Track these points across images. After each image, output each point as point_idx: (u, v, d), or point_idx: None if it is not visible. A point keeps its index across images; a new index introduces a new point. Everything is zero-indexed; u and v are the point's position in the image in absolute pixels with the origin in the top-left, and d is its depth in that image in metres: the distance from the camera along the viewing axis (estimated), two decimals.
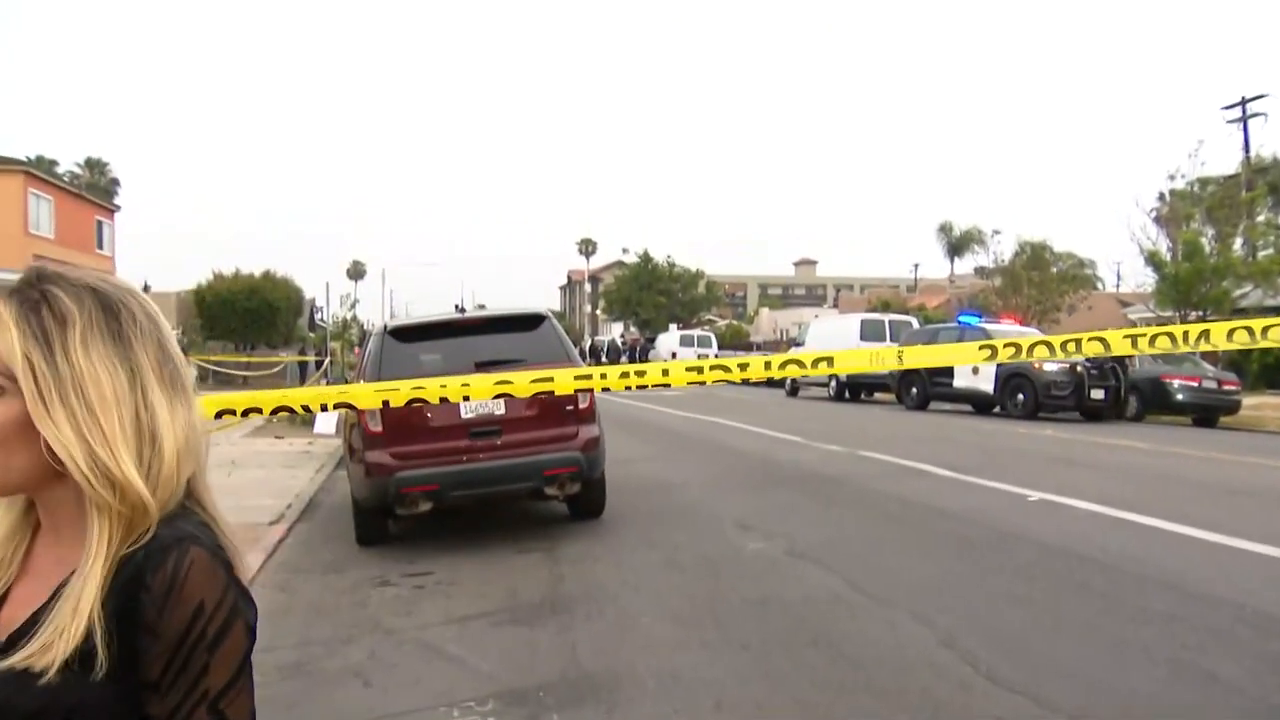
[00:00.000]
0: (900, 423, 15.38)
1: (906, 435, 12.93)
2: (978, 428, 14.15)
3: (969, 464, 9.23)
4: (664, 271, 64.99)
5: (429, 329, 6.66)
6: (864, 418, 16.77)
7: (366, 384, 5.13)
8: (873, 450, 10.51)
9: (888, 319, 23.00)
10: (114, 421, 0.92)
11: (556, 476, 6.23)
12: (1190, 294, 22.48)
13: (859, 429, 14.04)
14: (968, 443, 11.96)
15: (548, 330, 6.66)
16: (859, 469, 9.36)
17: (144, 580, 0.89)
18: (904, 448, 10.81)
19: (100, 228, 35.09)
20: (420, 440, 6.04)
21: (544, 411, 6.23)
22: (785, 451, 10.98)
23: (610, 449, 7.01)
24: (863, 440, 11.65)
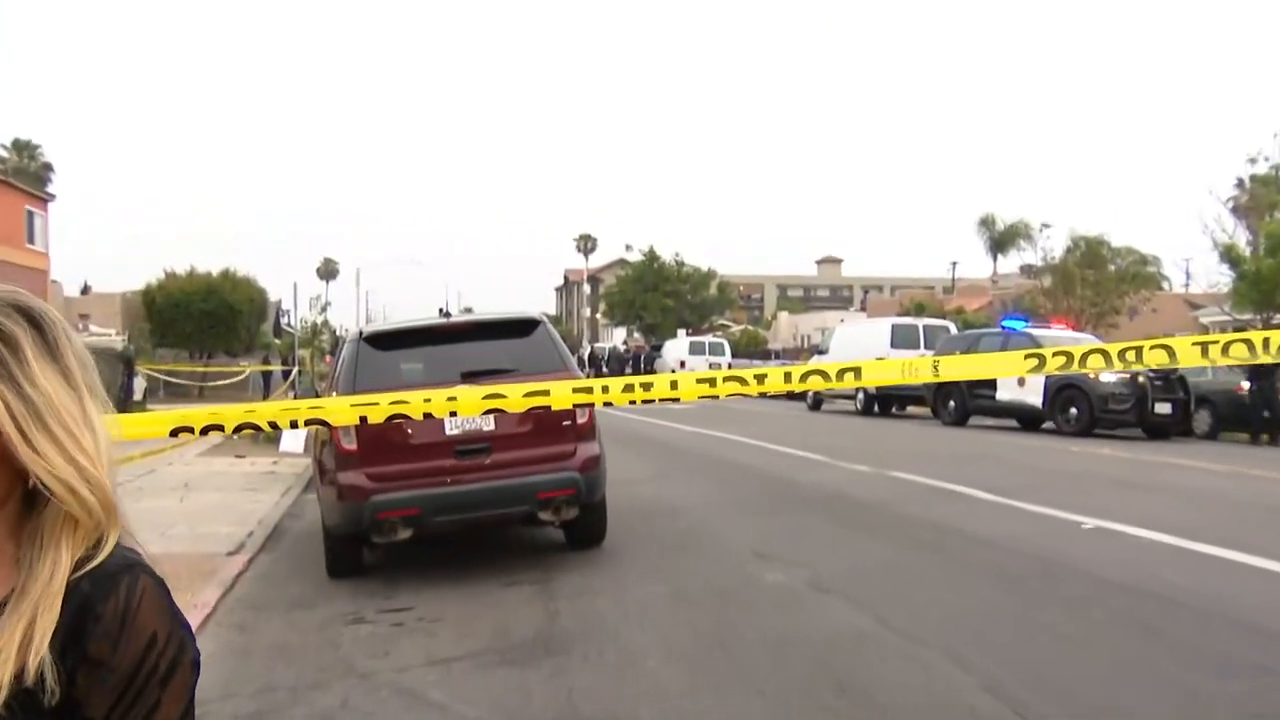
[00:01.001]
0: (936, 440, 15.37)
1: (943, 454, 12.92)
2: (1024, 446, 14.13)
3: (1014, 486, 9.22)
4: (671, 271, 65.15)
5: (409, 335, 6.68)
6: (895, 434, 16.76)
7: (341, 397, 5.15)
8: (905, 470, 10.51)
9: (922, 324, 23.01)
10: (89, 439, 0.94)
11: (552, 500, 6.24)
12: (1274, 294, 21.50)
13: (890, 446, 14.02)
14: (1013, 462, 11.95)
15: (542, 337, 6.68)
16: (890, 491, 9.36)
17: (93, 609, 0.91)
18: (941, 468, 10.80)
19: (31, 219, 33.87)
20: (399, 459, 6.06)
21: (538, 427, 6.24)
22: (807, 471, 10.98)
23: (612, 469, 7.02)
24: (894, 459, 11.64)
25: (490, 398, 3.19)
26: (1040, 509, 8.03)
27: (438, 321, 6.74)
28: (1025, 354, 3.24)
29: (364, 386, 5.91)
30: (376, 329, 6.96)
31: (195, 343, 31.04)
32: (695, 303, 65.86)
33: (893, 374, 3.36)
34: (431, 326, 6.69)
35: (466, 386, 5.87)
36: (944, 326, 23.07)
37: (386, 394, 3.39)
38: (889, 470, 10.64)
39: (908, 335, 21.90)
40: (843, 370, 3.29)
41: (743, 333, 63.33)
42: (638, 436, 15.87)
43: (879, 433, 17.01)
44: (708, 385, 3.36)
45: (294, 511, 9.22)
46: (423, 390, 3.31)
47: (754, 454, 13.02)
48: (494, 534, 7.60)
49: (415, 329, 6.74)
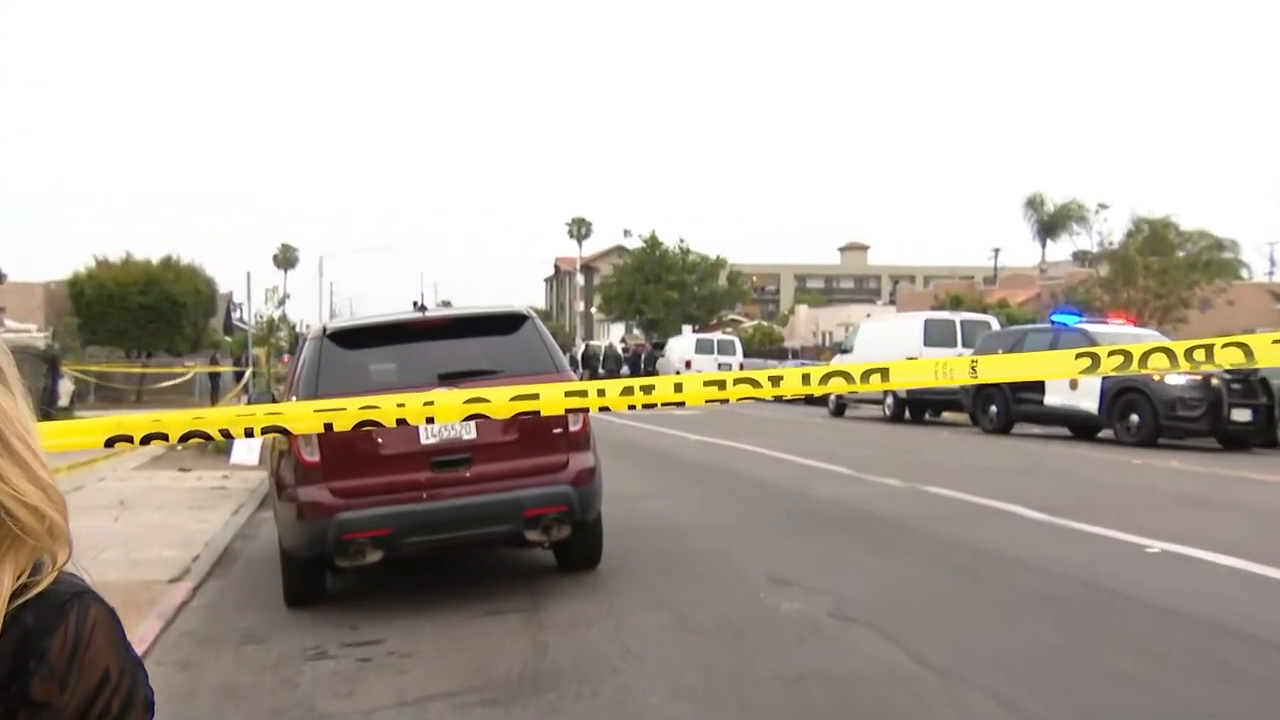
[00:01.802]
0: (976, 450, 15.40)
1: (984, 466, 12.94)
2: (1078, 457, 14.15)
3: (1066, 504, 9.23)
4: (675, 259, 65.22)
5: (380, 332, 6.70)
6: (929, 443, 16.79)
7: (302, 402, 5.16)
8: (941, 485, 10.54)
9: (959, 319, 23.06)
10: (41, 454, 0.94)
11: (541, 518, 6.26)
12: None
13: (923, 458, 14.03)
14: (1065, 476, 11.97)
15: (530, 333, 6.70)
16: (923, 508, 9.38)
17: (38, 645, 0.90)
18: (981, 482, 10.83)
19: None
20: (368, 472, 6.08)
21: (525, 436, 6.27)
22: (829, 486, 11.01)
23: (609, 482, 7.05)
24: (928, 472, 11.67)
25: (472, 402, 3.20)
26: (1097, 530, 8.05)
27: (412, 317, 6.76)
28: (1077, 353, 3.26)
29: (328, 390, 5.93)
30: (342, 325, 6.97)
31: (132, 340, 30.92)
32: (702, 295, 65.94)
33: (925, 376, 3.39)
34: (405, 322, 6.71)
35: (445, 390, 5.87)
36: (984, 322, 23.12)
37: (354, 398, 3.40)
38: (922, 484, 10.67)
39: (943, 332, 21.93)
40: (868, 371, 3.31)
41: (756, 329, 63.45)
42: (638, 446, 15.89)
43: (910, 442, 17.03)
44: (716, 388, 3.37)
45: (247, 532, 9.23)
46: (395, 394, 3.33)
47: (769, 466, 13.04)
48: (475, 556, 7.62)
49: (386, 325, 6.76)
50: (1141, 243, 33.98)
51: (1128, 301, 32.03)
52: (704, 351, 39.02)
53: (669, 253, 65.69)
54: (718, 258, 66.16)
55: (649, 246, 65.80)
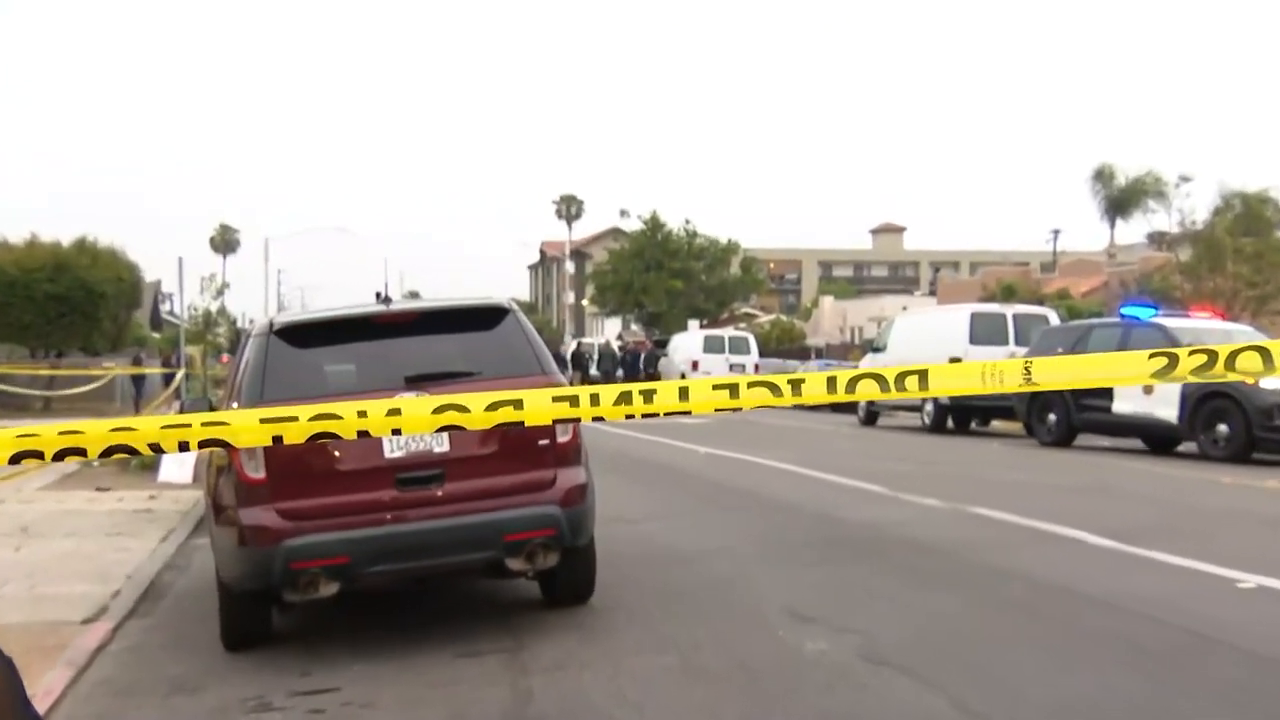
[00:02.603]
0: (1031, 465, 15.40)
1: (1041, 484, 12.95)
2: (1153, 474, 14.15)
3: (1140, 528, 9.23)
4: (680, 243, 65.34)
5: (336, 328, 6.71)
6: (976, 457, 16.79)
7: (246, 410, 5.17)
8: (989, 505, 10.55)
9: (1011, 312, 23.05)
10: None
11: (524, 543, 6.27)
12: None
13: (968, 474, 14.04)
14: (1137, 496, 11.97)
15: (512, 330, 6.71)
16: (969, 533, 9.39)
17: None
18: (1038, 502, 10.83)
19: None
20: (323, 491, 6.09)
21: (507, 449, 6.28)
22: (858, 506, 11.02)
23: (603, 502, 7.05)
24: (974, 491, 11.68)
25: (444, 411, 3.20)
26: (1177, 560, 8.02)
27: (374, 310, 6.77)
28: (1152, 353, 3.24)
29: (275, 395, 5.94)
30: (292, 319, 6.98)
31: (38, 337, 30.66)
32: (711, 285, 66.06)
33: (970, 381, 3.37)
34: (366, 316, 6.71)
35: (413, 395, 5.90)
36: (1041, 316, 23.08)
37: (307, 405, 3.40)
38: (967, 505, 10.68)
39: (992, 328, 21.93)
40: (904, 375, 3.29)
41: (773, 324, 63.51)
42: (637, 460, 15.89)
43: (953, 455, 17.04)
44: (728, 394, 3.37)
45: (177, 563, 9.23)
46: (356, 400, 3.33)
47: (789, 483, 13.05)
48: (448, 589, 7.62)
49: (344, 320, 6.76)
50: (1232, 221, 33.37)
51: (1214, 291, 31.49)
52: (713, 350, 39.08)
53: (673, 236, 65.76)
54: (729, 241, 66.27)
55: (649, 228, 65.87)
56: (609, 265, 68.04)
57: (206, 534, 7.36)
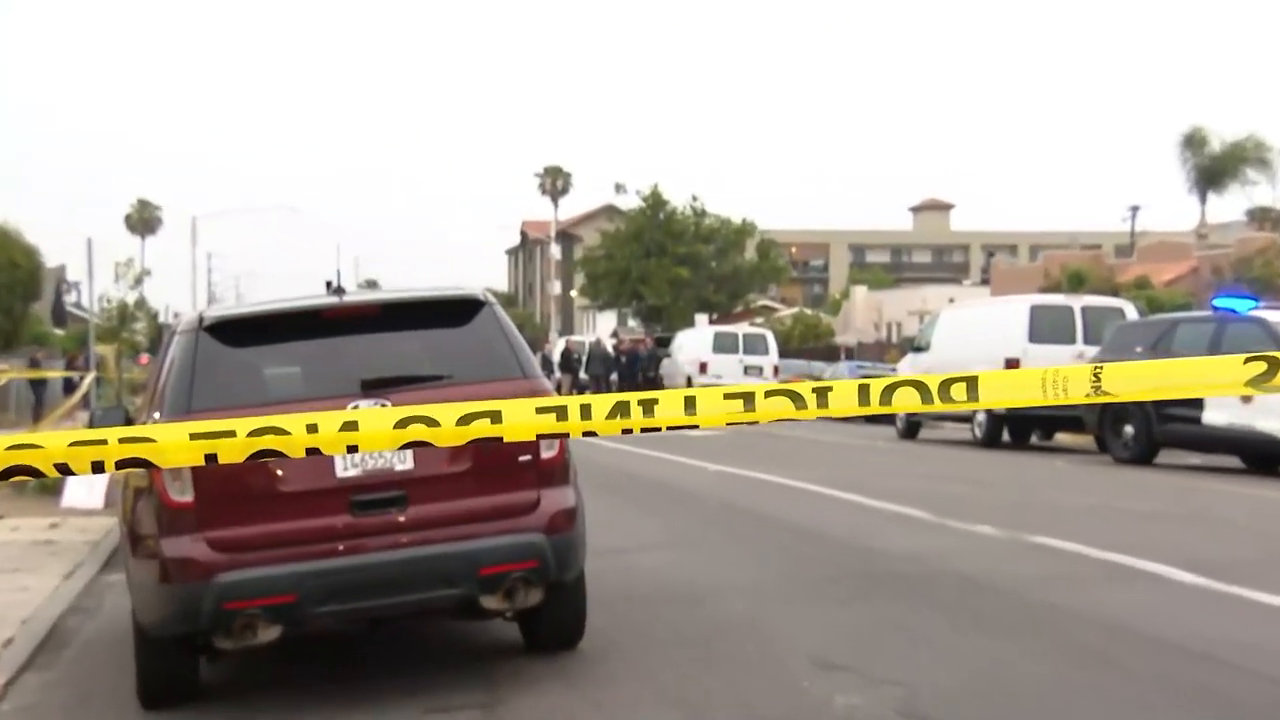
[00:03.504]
0: (1104, 486, 15.41)
1: (1116, 509, 12.94)
2: (1253, 498, 14.13)
3: (1235, 562, 9.23)
4: (685, 223, 65.32)
5: (279, 324, 6.71)
6: (1037, 477, 16.78)
7: (171, 422, 5.17)
8: (1053, 534, 10.55)
9: (1080, 305, 23.02)
10: None
11: (502, 578, 6.27)
12: None
13: (1029, 497, 14.03)
14: (1233, 525, 11.95)
15: (488, 326, 6.71)
16: (1028, 567, 9.39)
17: None
18: (1112, 531, 10.83)
19: None
20: (262, 516, 6.09)
21: (482, 467, 6.28)
22: (896, 535, 11.03)
23: (595, 529, 7.06)
24: (1036, 517, 11.68)
25: (410, 424, 3.20)
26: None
27: (324, 302, 6.77)
28: (1249, 357, 3.22)
29: (206, 404, 5.94)
30: (226, 314, 6.98)
31: None
32: (723, 273, 66.08)
33: (1028, 391, 3.37)
34: (315, 310, 6.72)
35: (371, 405, 5.89)
36: (1116, 309, 23.03)
37: (244, 417, 3.41)
38: (1027, 533, 10.68)
39: (1057, 324, 21.89)
40: (949, 382, 3.29)
41: (796, 319, 63.52)
42: (635, 479, 15.90)
43: (1010, 474, 17.04)
44: (741, 404, 3.37)
45: (84, 604, 9.20)
46: (303, 410, 3.34)
47: (815, 507, 13.05)
48: (411, 632, 7.62)
49: (288, 314, 6.76)
50: None
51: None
52: (725, 350, 39.05)
53: (677, 215, 65.75)
54: (744, 222, 66.26)
55: (650, 206, 65.85)
56: (602, 249, 68.05)
57: (121, 569, 7.35)
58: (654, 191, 65.96)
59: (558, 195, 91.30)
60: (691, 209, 65.96)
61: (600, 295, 68.58)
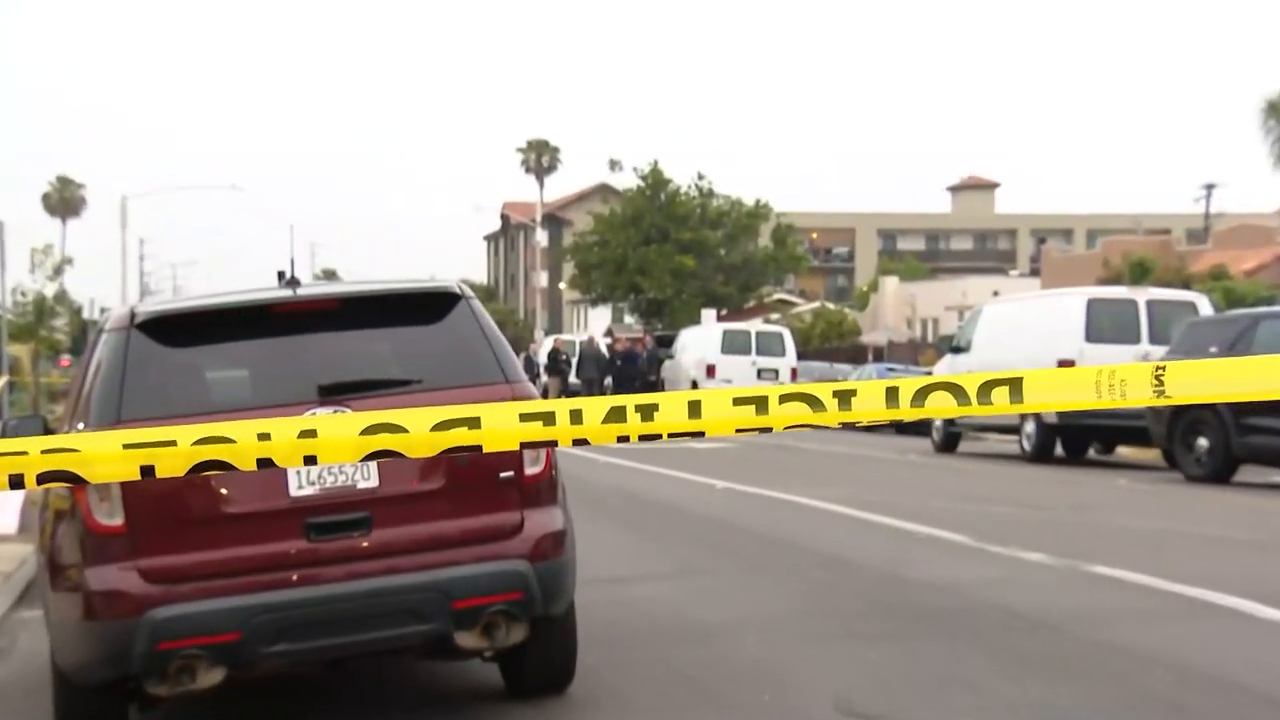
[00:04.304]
0: (1174, 507, 15.41)
1: (1188, 534, 12.94)
2: None
3: None
4: (690, 205, 65.31)
5: (224, 320, 6.72)
6: (1095, 496, 16.78)
7: (99, 431, 5.19)
8: (1113, 563, 10.55)
9: (1144, 298, 23.02)
10: None
11: (480, 611, 6.28)
12: None
13: (1085, 519, 14.02)
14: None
15: (464, 323, 6.72)
16: (1084, 600, 9.40)
17: None
18: (1182, 560, 10.84)
19: None
20: (204, 542, 6.09)
21: (456, 484, 6.30)
22: (933, 562, 11.06)
23: (588, 555, 7.06)
24: (1094, 542, 11.67)
25: (376, 431, 3.23)
26: None
27: (277, 296, 6.78)
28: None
29: (138, 411, 5.93)
30: (162, 309, 6.98)
31: None
32: (733, 262, 66.10)
33: (1081, 393, 3.37)
34: (265, 305, 6.72)
35: (330, 412, 5.90)
36: (1187, 303, 23.04)
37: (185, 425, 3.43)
38: (1084, 562, 10.69)
39: (1118, 321, 21.91)
40: (990, 385, 3.31)
41: (817, 315, 63.57)
42: (632, 498, 15.90)
43: (1064, 493, 17.03)
44: (753, 409, 3.39)
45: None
46: (252, 418, 3.36)
47: (839, 530, 13.07)
48: (375, 674, 7.62)
49: (235, 309, 6.77)
50: None
51: None
52: (735, 351, 39.09)
53: (680, 196, 65.78)
54: (757, 203, 66.27)
55: (650, 186, 65.91)
56: (595, 235, 68.04)
57: (38, 604, 7.34)
58: (654, 169, 66.04)
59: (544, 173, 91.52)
60: (697, 189, 66.00)
61: (593, 288, 68.58)
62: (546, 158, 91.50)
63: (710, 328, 44.84)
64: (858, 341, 57.99)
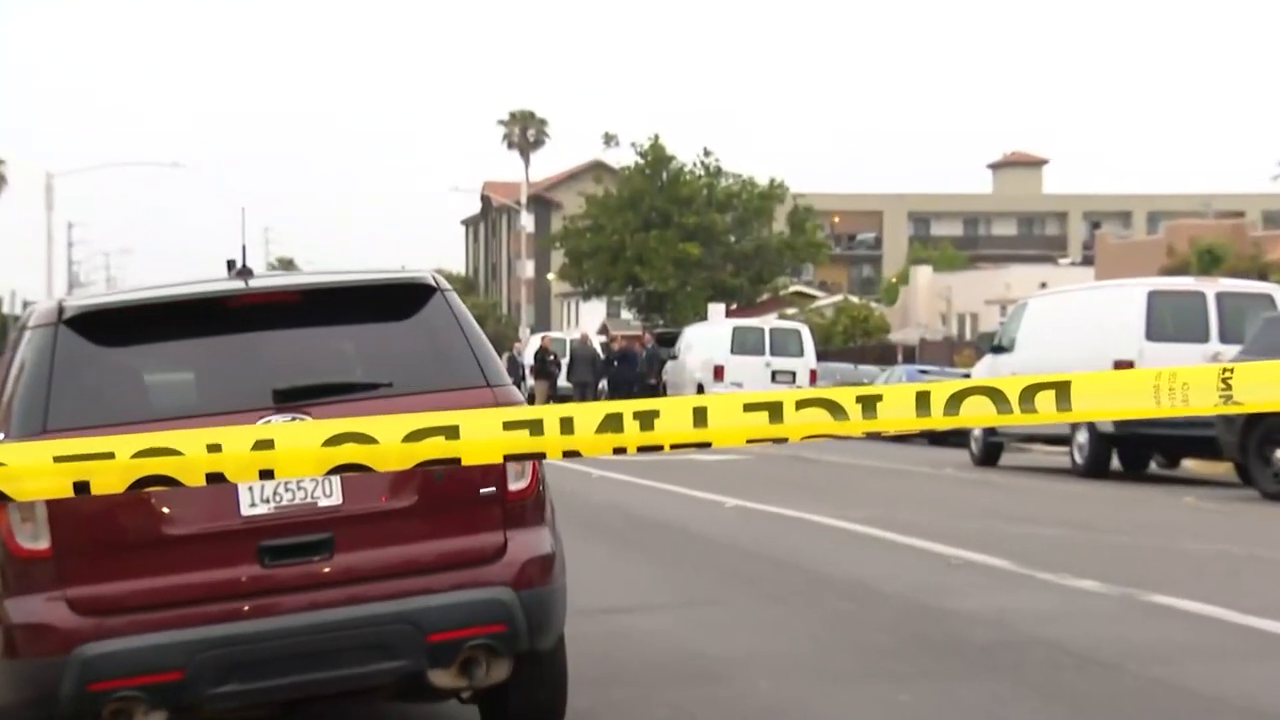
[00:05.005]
0: (1246, 529, 15.40)
1: (1262, 561, 12.93)
2: None
3: None
4: (694, 185, 65.26)
5: (165, 315, 6.71)
6: (1157, 516, 16.75)
7: (22, 442, 5.20)
8: (1178, 593, 10.55)
9: (1214, 291, 22.97)
10: None
11: (457, 646, 6.28)
12: None
13: (1146, 542, 14.01)
14: None
15: (439, 319, 6.72)
16: (1146, 634, 9.42)
17: None
18: (1259, 589, 10.85)
19: None
20: (142, 568, 6.09)
21: (430, 501, 6.30)
22: (972, 592, 11.07)
23: (580, 582, 7.07)
24: (1155, 568, 11.67)
25: (342, 441, 3.24)
26: None
27: (226, 288, 6.79)
28: None
29: (66, 421, 5.92)
30: (94, 303, 6.98)
31: None
32: (745, 250, 66.10)
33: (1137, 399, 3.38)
34: (213, 298, 6.73)
35: (287, 419, 5.91)
36: (1263, 296, 23.00)
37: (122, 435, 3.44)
38: (1144, 591, 10.71)
39: (1183, 316, 21.90)
40: (1034, 389, 3.32)
41: (840, 310, 63.65)
42: (632, 520, 15.89)
43: (1122, 513, 17.02)
44: (766, 417, 3.41)
45: None
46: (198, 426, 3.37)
47: (864, 555, 13.09)
48: (340, 716, 7.63)
49: (178, 303, 6.77)
50: None
51: None
52: (747, 351, 39.09)
53: (685, 175, 65.81)
54: (773, 183, 66.32)
55: (650, 164, 65.95)
56: (587, 219, 68.12)
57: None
58: (655, 144, 66.01)
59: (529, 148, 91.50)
60: (703, 167, 66.04)
61: (585, 279, 68.65)
62: (533, 131, 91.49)
63: (718, 325, 44.82)
64: (886, 340, 58.11)
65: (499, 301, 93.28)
